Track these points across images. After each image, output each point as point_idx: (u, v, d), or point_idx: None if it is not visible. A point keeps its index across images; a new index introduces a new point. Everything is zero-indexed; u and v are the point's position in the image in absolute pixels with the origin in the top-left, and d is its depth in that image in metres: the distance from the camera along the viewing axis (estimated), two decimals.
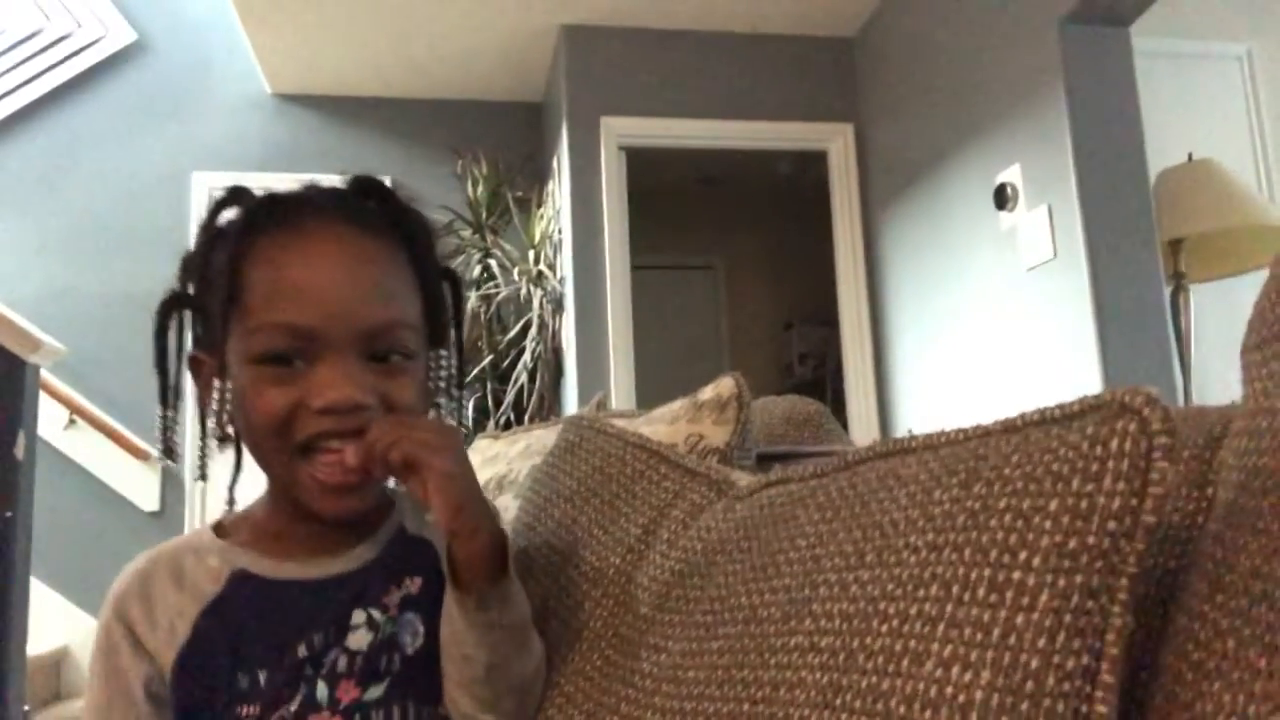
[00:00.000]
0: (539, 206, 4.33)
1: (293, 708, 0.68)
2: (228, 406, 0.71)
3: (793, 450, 1.44)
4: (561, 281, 4.07)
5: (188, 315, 0.76)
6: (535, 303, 4.14)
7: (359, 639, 0.71)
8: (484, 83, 4.60)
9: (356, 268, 0.70)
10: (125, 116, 4.50)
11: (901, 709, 0.46)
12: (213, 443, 0.74)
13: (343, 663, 0.70)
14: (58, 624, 3.94)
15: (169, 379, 0.75)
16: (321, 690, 0.69)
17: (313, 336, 0.67)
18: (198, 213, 4.45)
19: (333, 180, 0.77)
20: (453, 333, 0.79)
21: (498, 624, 0.71)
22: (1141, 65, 2.87)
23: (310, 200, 0.73)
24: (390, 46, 4.24)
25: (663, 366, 4.47)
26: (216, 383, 0.71)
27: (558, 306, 4.12)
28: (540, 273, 4.18)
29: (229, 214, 0.74)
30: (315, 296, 0.68)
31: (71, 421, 4.17)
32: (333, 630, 0.71)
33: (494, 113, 4.75)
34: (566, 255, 3.98)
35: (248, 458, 0.75)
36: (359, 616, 0.72)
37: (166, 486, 4.30)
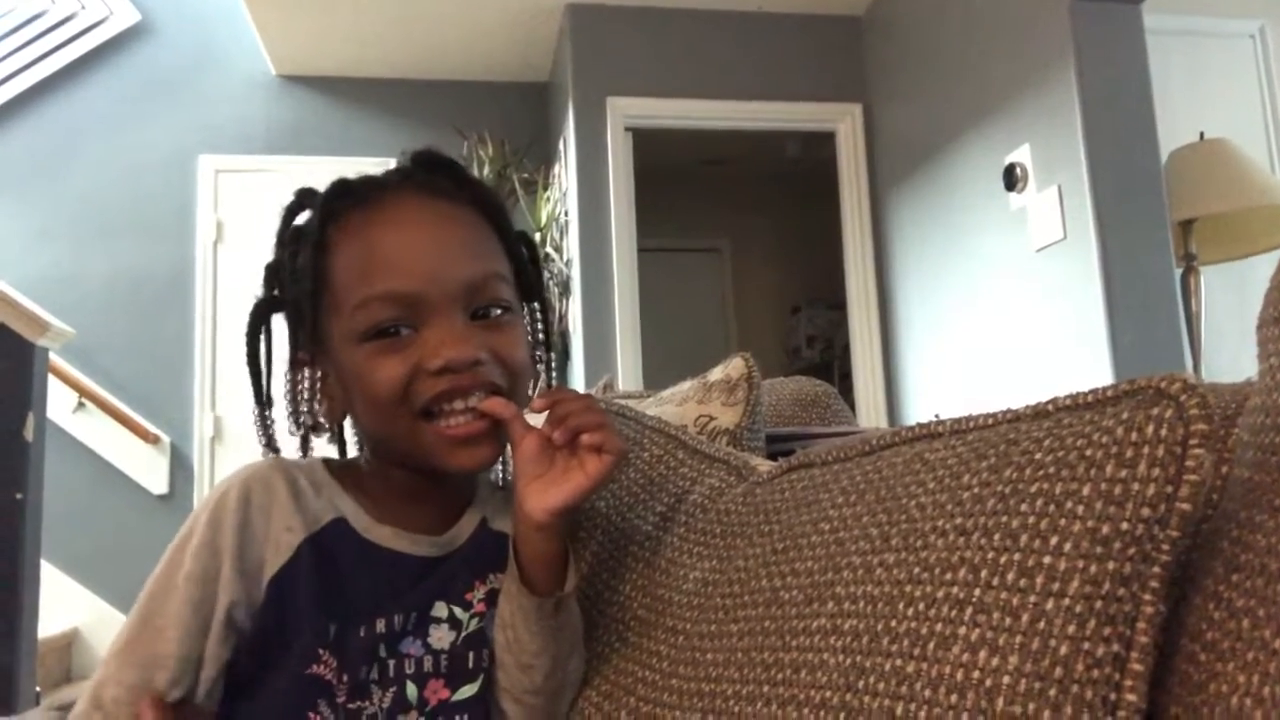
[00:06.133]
0: (545, 188, 4.32)
1: (385, 704, 0.67)
2: (318, 395, 0.73)
3: (801, 431, 1.43)
4: (568, 264, 4.06)
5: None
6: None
7: (441, 637, 0.70)
8: (489, 63, 4.57)
9: (441, 229, 0.71)
10: (130, 98, 4.48)
11: (926, 692, 0.46)
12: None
13: (428, 662, 0.69)
14: (68, 606, 3.96)
15: (262, 381, 0.75)
16: (411, 690, 0.68)
17: (415, 301, 0.68)
18: (204, 194, 4.45)
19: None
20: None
21: (565, 627, 0.71)
22: (1153, 43, 2.84)
23: (382, 179, 0.74)
24: (395, 27, 4.21)
25: (669, 349, 4.47)
26: (306, 372, 0.72)
27: (564, 289, 4.11)
28: (547, 255, 4.16)
29: (303, 216, 0.74)
30: (408, 261, 0.69)
31: (80, 404, 4.18)
32: (414, 617, 0.70)
33: (499, 93, 4.73)
34: (573, 237, 3.97)
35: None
36: (441, 609, 0.71)
37: (175, 469, 4.31)
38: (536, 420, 0.70)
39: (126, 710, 0.62)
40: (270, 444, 0.75)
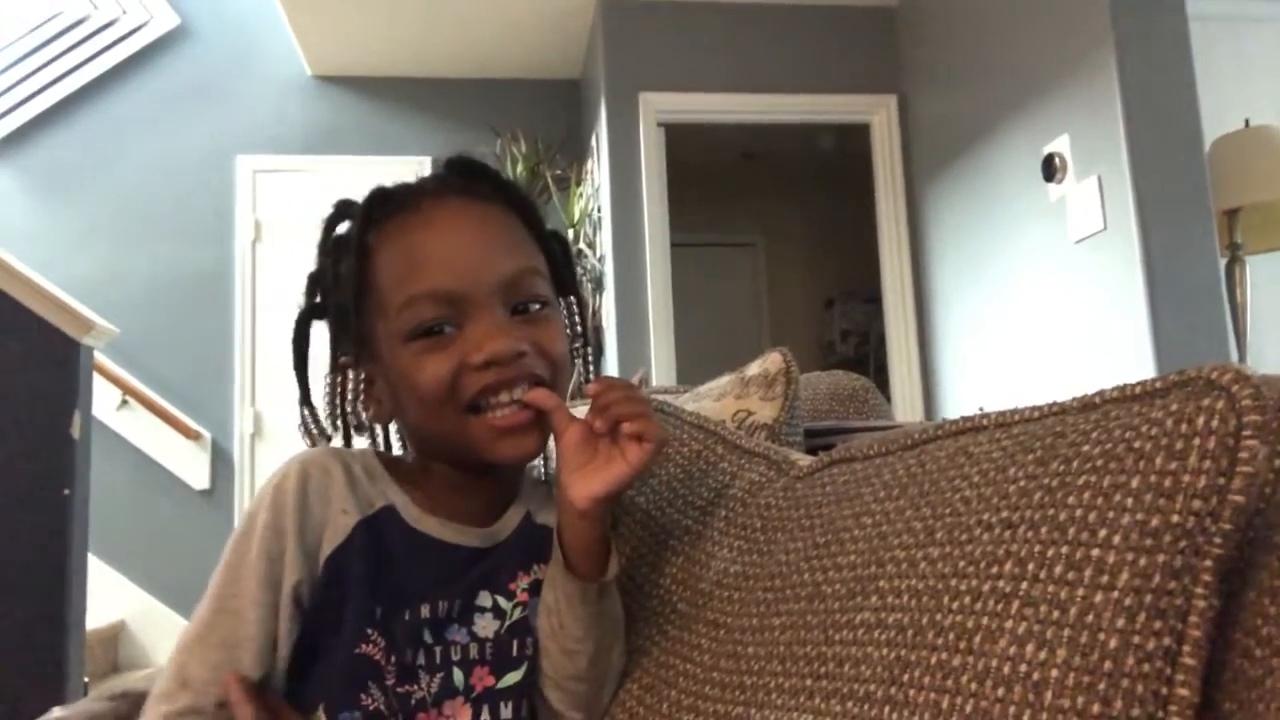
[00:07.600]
0: (578, 185, 4.33)
1: (434, 689, 0.69)
2: (363, 398, 0.75)
3: (840, 425, 1.42)
4: (601, 260, 4.07)
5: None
6: None
7: (485, 625, 0.72)
8: (522, 61, 4.59)
9: (479, 229, 0.74)
10: (169, 101, 4.56)
11: (973, 685, 0.46)
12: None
13: (474, 649, 0.71)
14: (113, 598, 4.04)
15: (308, 385, 0.78)
16: (458, 676, 0.70)
17: (457, 298, 0.70)
18: (242, 194, 4.52)
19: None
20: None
21: (608, 614, 0.72)
22: (1195, 29, 2.78)
23: (418, 185, 0.77)
24: (428, 26, 4.24)
25: (702, 344, 4.46)
26: (350, 375, 0.75)
27: (597, 284, 4.12)
28: (580, 251, 4.17)
29: (343, 227, 0.77)
30: (449, 260, 0.71)
31: (124, 402, 4.25)
32: (459, 604, 0.72)
33: (532, 91, 4.74)
34: (606, 233, 3.98)
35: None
36: (485, 599, 0.73)
37: (216, 465, 4.38)
38: (578, 411, 0.71)
39: (214, 690, 0.65)
40: (314, 438, 0.77)
